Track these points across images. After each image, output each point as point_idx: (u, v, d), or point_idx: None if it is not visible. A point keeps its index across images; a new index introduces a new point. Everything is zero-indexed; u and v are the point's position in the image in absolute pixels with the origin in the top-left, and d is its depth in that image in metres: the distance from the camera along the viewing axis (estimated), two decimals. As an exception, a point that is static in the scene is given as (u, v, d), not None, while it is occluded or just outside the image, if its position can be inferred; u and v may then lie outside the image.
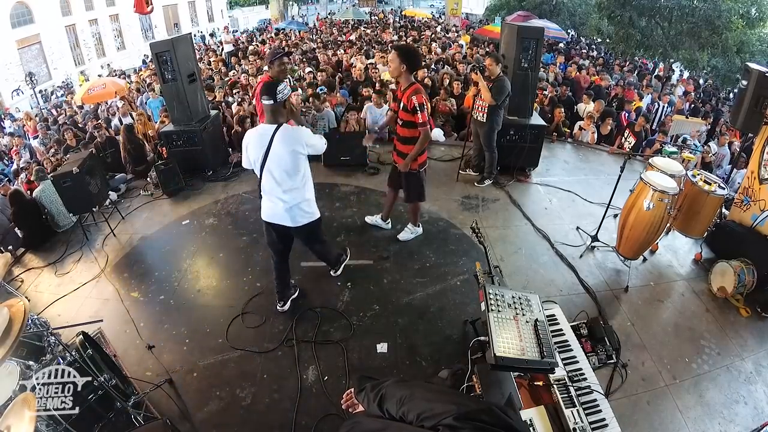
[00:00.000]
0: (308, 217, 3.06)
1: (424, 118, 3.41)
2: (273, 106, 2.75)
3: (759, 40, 11.86)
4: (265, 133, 2.79)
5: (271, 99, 2.72)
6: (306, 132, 2.88)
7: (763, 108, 3.72)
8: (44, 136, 8.37)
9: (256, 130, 2.88)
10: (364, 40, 14.06)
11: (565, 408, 2.06)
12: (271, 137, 2.76)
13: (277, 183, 2.87)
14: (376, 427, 1.17)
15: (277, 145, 2.76)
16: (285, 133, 2.77)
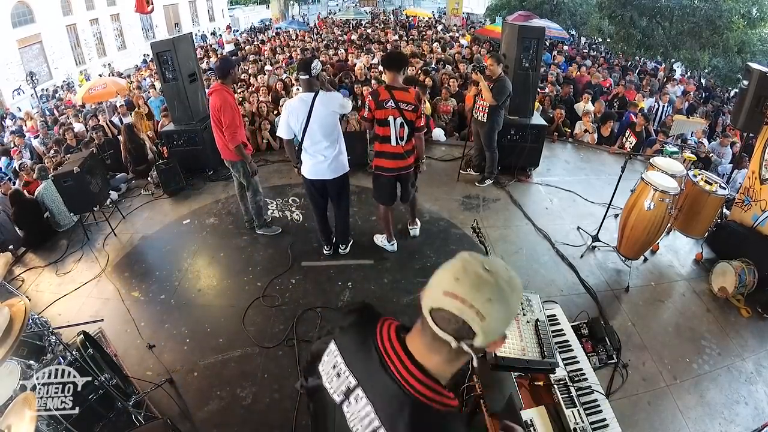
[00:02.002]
0: (343, 168, 3.60)
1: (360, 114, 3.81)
2: (309, 79, 3.27)
3: (760, 40, 11.84)
4: (306, 99, 3.29)
5: (306, 74, 3.24)
6: (338, 95, 3.44)
7: (764, 108, 3.72)
8: (44, 136, 8.38)
9: (297, 99, 3.38)
10: (364, 39, 14.06)
11: (566, 408, 2.06)
12: (312, 102, 3.26)
13: (319, 140, 3.37)
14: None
15: (318, 108, 3.28)
16: (323, 98, 3.30)
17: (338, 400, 1.14)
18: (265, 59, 11.71)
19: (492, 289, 0.93)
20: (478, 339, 0.93)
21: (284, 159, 6.09)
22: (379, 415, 1.05)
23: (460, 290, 0.92)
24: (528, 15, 12.65)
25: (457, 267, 0.97)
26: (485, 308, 0.91)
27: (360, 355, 1.13)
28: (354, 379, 1.11)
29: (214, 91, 3.80)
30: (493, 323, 0.92)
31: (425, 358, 1.03)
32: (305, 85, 3.32)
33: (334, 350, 1.17)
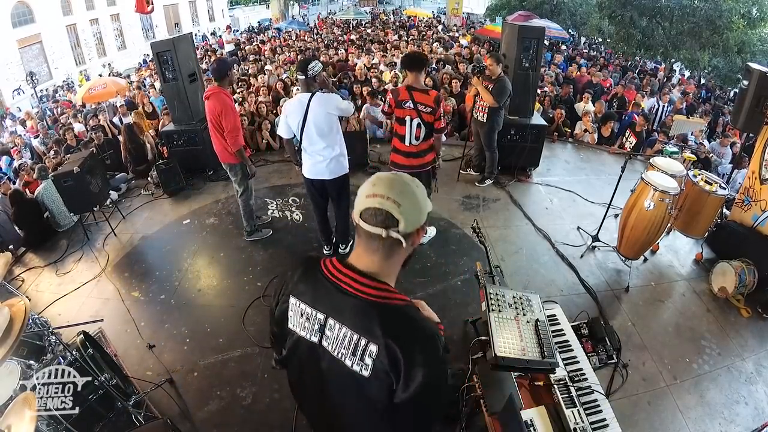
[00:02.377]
0: (342, 170, 3.58)
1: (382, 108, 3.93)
2: (306, 80, 3.28)
3: (760, 40, 11.85)
4: (303, 100, 3.30)
5: (303, 74, 3.26)
6: (336, 97, 3.42)
7: (764, 108, 3.72)
8: (44, 136, 8.38)
9: (295, 99, 3.41)
10: (365, 39, 14.06)
11: (566, 408, 2.05)
12: (308, 103, 3.26)
13: (316, 141, 3.37)
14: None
15: (314, 109, 3.28)
16: (320, 99, 3.29)
17: (316, 339, 1.27)
18: (265, 59, 11.71)
19: (401, 184, 1.19)
20: (401, 224, 1.15)
21: (284, 159, 6.10)
22: (354, 330, 1.19)
23: (377, 190, 1.17)
24: (528, 15, 12.66)
25: (373, 178, 1.21)
26: (399, 197, 1.16)
27: (317, 293, 1.27)
28: (321, 314, 1.25)
29: (211, 95, 3.75)
30: (409, 209, 1.16)
31: (368, 264, 1.22)
32: (303, 85, 3.35)
33: (295, 302, 1.30)
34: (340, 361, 1.22)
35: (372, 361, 1.17)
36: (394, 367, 1.15)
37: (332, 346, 1.24)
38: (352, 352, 1.20)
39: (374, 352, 1.16)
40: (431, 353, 1.18)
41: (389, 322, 1.17)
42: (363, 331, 1.18)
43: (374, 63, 9.47)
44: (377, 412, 1.25)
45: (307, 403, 1.49)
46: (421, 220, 1.20)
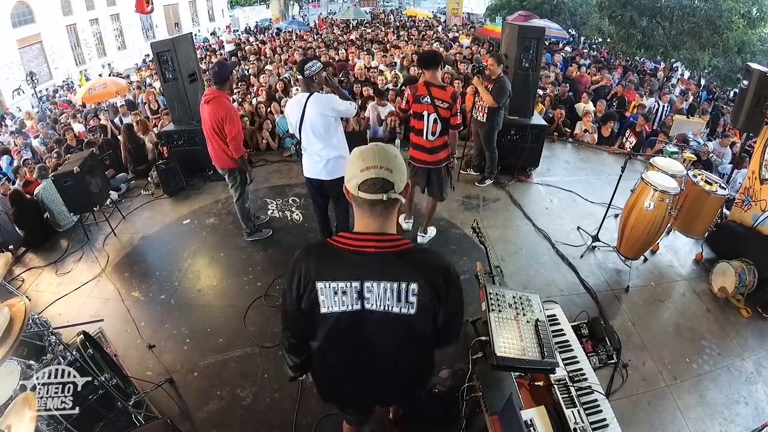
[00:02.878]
0: (341, 171, 3.49)
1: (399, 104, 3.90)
2: (304, 80, 3.29)
3: (760, 40, 11.85)
4: (301, 99, 3.31)
5: (301, 74, 3.28)
6: (334, 98, 3.37)
7: (764, 108, 3.72)
8: (45, 136, 8.37)
9: (294, 99, 3.43)
10: (365, 38, 14.05)
11: (566, 408, 2.05)
12: (305, 103, 3.26)
13: (313, 141, 3.36)
14: None
15: (310, 110, 3.27)
16: (315, 100, 3.28)
17: (358, 306, 1.41)
18: (265, 59, 11.70)
19: (384, 152, 1.36)
20: (396, 185, 1.35)
21: (284, 159, 6.10)
22: (392, 280, 1.37)
23: (371, 162, 1.33)
24: (528, 15, 12.67)
25: (358, 153, 1.37)
26: (390, 164, 1.34)
27: (339, 266, 1.40)
28: (355, 282, 1.38)
29: (212, 99, 3.68)
30: (397, 171, 1.35)
31: (376, 226, 1.40)
32: (302, 85, 3.37)
33: (324, 285, 1.40)
34: (389, 311, 1.40)
35: (415, 297, 1.38)
36: (435, 294, 1.40)
37: (377, 304, 1.39)
38: (397, 299, 1.38)
39: (416, 289, 1.37)
40: (453, 274, 1.47)
41: (417, 260, 1.42)
42: (401, 277, 1.37)
43: (374, 65, 9.44)
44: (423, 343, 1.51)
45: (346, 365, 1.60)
46: (406, 177, 1.40)
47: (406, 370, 1.60)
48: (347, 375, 1.63)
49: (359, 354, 1.52)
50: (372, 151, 1.36)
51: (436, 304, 1.41)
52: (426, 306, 1.39)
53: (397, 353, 1.53)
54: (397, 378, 1.62)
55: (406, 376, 1.62)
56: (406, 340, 1.48)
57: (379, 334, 1.46)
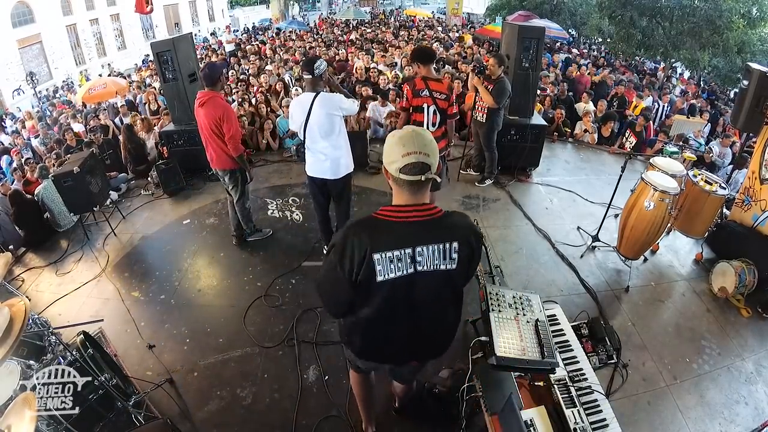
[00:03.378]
0: (345, 169, 3.57)
1: (400, 104, 3.86)
2: (312, 79, 3.30)
3: (760, 39, 11.85)
4: (306, 99, 3.32)
5: (309, 74, 3.28)
6: (339, 97, 3.40)
7: (764, 108, 3.72)
8: (44, 136, 8.37)
9: (299, 98, 3.42)
10: (365, 38, 14.05)
11: (566, 408, 2.05)
12: (311, 103, 3.28)
13: (318, 140, 3.37)
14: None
15: (316, 109, 3.29)
16: (322, 99, 3.30)
17: (412, 270, 1.60)
18: (266, 59, 11.69)
19: (421, 138, 1.54)
20: (432, 167, 1.54)
21: (284, 159, 6.10)
22: (437, 242, 1.59)
23: (411, 148, 1.51)
24: (528, 15, 12.68)
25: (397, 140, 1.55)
26: (426, 149, 1.53)
27: (390, 236, 1.58)
28: (408, 248, 1.58)
29: (208, 100, 3.63)
30: (433, 155, 1.55)
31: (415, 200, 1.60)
32: (308, 84, 3.37)
33: (380, 256, 1.56)
34: (437, 269, 1.61)
35: (456, 254, 1.61)
36: (470, 249, 1.64)
37: (428, 265, 1.61)
38: (443, 257, 1.60)
39: (456, 247, 1.60)
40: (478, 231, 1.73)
41: (452, 223, 1.64)
42: (444, 238, 1.59)
43: (373, 65, 9.44)
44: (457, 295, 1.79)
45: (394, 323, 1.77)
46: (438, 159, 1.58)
47: (443, 322, 1.84)
48: (392, 334, 1.81)
49: (406, 313, 1.72)
50: (411, 138, 1.53)
51: (470, 256, 1.66)
52: (464, 259, 1.63)
53: (438, 306, 1.77)
54: (435, 330, 1.84)
55: (443, 327, 1.87)
56: (447, 293, 1.74)
57: (426, 292, 1.67)
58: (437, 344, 1.93)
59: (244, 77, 9.15)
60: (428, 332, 1.83)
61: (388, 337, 1.82)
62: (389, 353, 1.92)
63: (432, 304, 1.74)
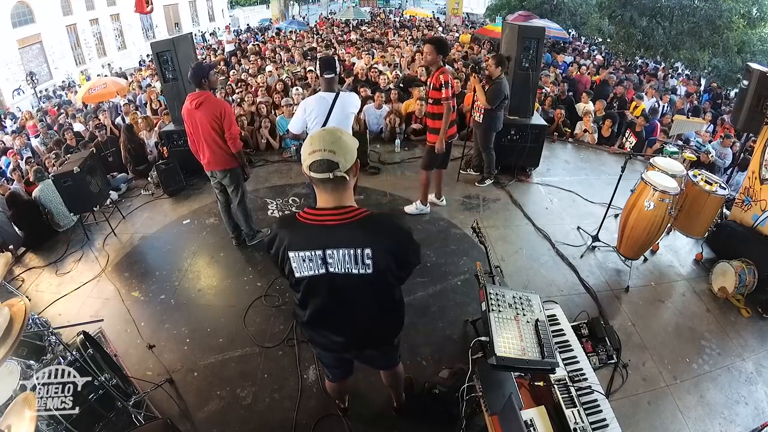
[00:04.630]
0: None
1: (447, 93, 3.84)
2: (335, 78, 3.35)
3: (760, 39, 11.85)
4: (328, 98, 3.34)
5: (332, 73, 3.34)
6: (355, 96, 3.56)
7: (764, 108, 3.71)
8: (45, 136, 8.37)
9: (317, 97, 3.41)
10: (365, 38, 14.05)
11: (566, 408, 2.05)
12: (333, 102, 3.32)
13: None
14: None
15: (338, 108, 3.33)
16: (343, 99, 3.37)
17: (323, 270, 1.65)
18: (266, 59, 11.69)
19: (329, 136, 1.57)
20: (341, 165, 1.54)
21: (284, 159, 6.10)
22: (348, 247, 1.60)
23: (316, 146, 1.54)
24: (528, 15, 12.68)
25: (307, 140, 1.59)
26: (333, 146, 1.53)
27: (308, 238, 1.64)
28: (318, 251, 1.62)
29: (204, 100, 3.52)
30: (341, 152, 1.54)
31: (332, 200, 1.62)
32: (328, 84, 3.37)
33: (294, 254, 1.64)
34: (350, 273, 1.64)
35: (371, 260, 1.61)
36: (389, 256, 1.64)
37: (339, 267, 1.64)
38: (355, 262, 1.62)
39: (369, 254, 1.60)
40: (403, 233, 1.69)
41: (371, 227, 1.63)
42: (355, 244, 1.60)
43: (374, 65, 9.44)
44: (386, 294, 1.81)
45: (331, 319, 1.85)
46: (354, 157, 1.59)
47: (375, 316, 1.86)
48: (324, 322, 1.88)
49: (333, 306, 1.79)
50: (319, 136, 1.57)
51: (391, 262, 1.65)
52: (381, 264, 1.63)
53: (365, 304, 1.79)
54: (369, 323, 1.88)
55: (377, 321, 1.89)
56: (371, 294, 1.76)
57: (347, 291, 1.72)
58: (374, 337, 1.99)
59: (244, 76, 9.15)
60: (360, 326, 1.88)
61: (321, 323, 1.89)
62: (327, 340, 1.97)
63: (356, 302, 1.78)
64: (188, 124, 3.68)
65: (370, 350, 2.05)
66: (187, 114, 3.64)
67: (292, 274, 1.71)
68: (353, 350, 2.04)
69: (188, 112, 3.61)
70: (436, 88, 3.88)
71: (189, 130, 3.72)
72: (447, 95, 3.86)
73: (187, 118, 3.65)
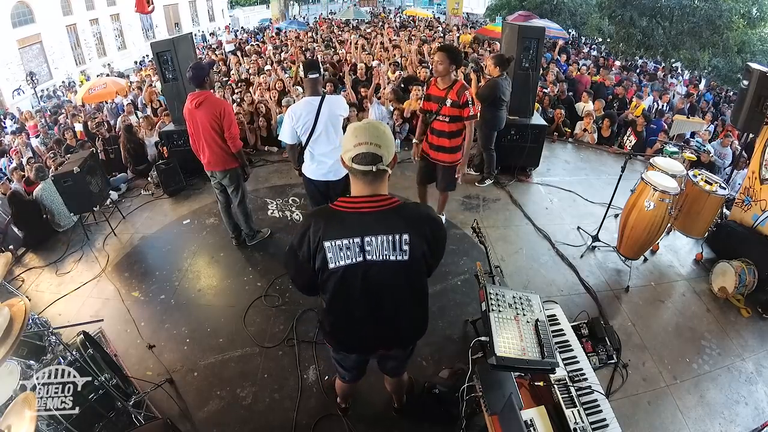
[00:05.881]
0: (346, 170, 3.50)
1: (475, 110, 3.60)
2: (318, 78, 3.28)
3: (760, 39, 11.86)
4: (313, 102, 3.25)
5: (317, 73, 3.25)
6: (342, 98, 3.48)
7: (764, 108, 3.71)
8: (45, 136, 8.38)
9: (303, 102, 3.30)
10: (364, 38, 14.03)
11: (566, 408, 2.05)
12: (319, 105, 3.22)
13: (324, 143, 3.30)
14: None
15: (325, 111, 3.24)
16: (330, 101, 3.27)
17: (361, 259, 1.65)
18: (266, 58, 11.68)
19: (374, 129, 1.59)
20: (384, 158, 1.59)
21: (284, 159, 6.10)
22: (387, 233, 1.62)
23: (362, 139, 1.56)
24: (528, 15, 12.67)
25: (352, 131, 1.60)
26: (378, 140, 1.57)
27: (346, 226, 1.63)
28: (357, 238, 1.62)
29: (204, 100, 3.52)
30: (385, 146, 1.58)
31: (370, 190, 1.64)
32: (312, 86, 3.28)
33: (330, 244, 1.63)
34: (387, 260, 1.65)
35: (408, 246, 1.64)
36: (424, 242, 1.66)
37: (377, 254, 1.64)
38: (392, 248, 1.64)
39: (407, 239, 1.63)
40: (437, 222, 1.75)
41: (406, 214, 1.66)
42: (393, 230, 1.62)
43: (374, 64, 9.44)
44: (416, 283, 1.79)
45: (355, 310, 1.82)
46: (393, 151, 1.63)
47: (405, 313, 1.86)
48: (355, 320, 1.85)
49: (365, 300, 1.76)
50: (364, 129, 1.58)
51: (425, 249, 1.68)
52: (417, 251, 1.65)
53: (397, 295, 1.79)
54: (399, 317, 1.87)
55: (407, 317, 1.89)
56: (404, 283, 1.76)
57: (381, 281, 1.71)
58: (403, 334, 1.98)
59: (244, 76, 9.14)
60: (391, 321, 1.86)
61: (351, 322, 1.87)
62: (356, 340, 1.96)
63: (389, 293, 1.77)
64: (189, 124, 3.71)
65: (397, 350, 2.05)
66: (188, 114, 3.66)
67: (324, 267, 1.67)
68: (381, 349, 2.03)
69: (189, 112, 3.64)
70: (458, 105, 3.52)
71: (190, 130, 3.74)
72: (475, 113, 3.60)
73: (189, 118, 3.67)
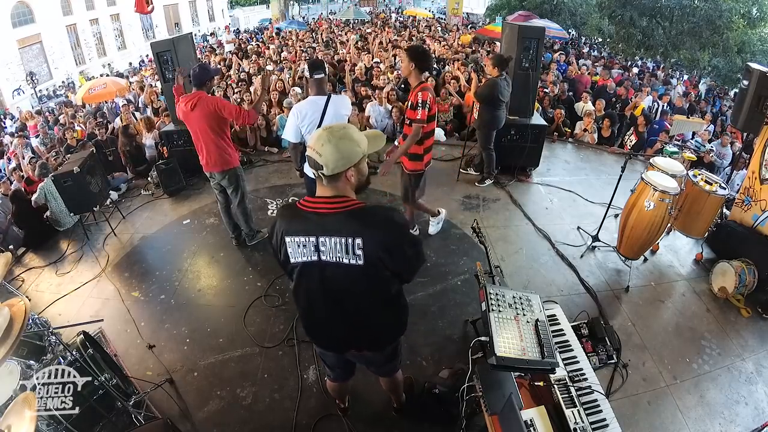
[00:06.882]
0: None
1: (422, 115, 3.32)
2: (323, 78, 3.29)
3: (760, 39, 11.86)
4: (319, 102, 3.26)
5: (322, 73, 3.25)
6: (347, 98, 3.51)
7: (764, 108, 3.71)
8: (44, 136, 8.38)
9: (309, 101, 3.31)
10: (364, 38, 14.03)
11: (566, 408, 2.05)
12: (325, 104, 3.24)
13: None
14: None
15: (331, 111, 3.25)
16: (336, 101, 3.30)
17: (315, 258, 1.67)
18: (266, 58, 11.69)
19: (324, 138, 1.57)
20: (324, 167, 1.58)
21: (284, 159, 6.10)
22: (340, 236, 1.61)
23: (311, 143, 1.60)
24: (528, 15, 12.65)
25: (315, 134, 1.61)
26: (320, 149, 1.56)
27: (304, 224, 1.67)
28: (312, 237, 1.65)
29: (198, 101, 3.48)
30: (327, 157, 1.56)
31: (328, 191, 1.65)
32: (318, 86, 3.29)
33: (290, 239, 1.69)
34: (340, 262, 1.64)
35: (362, 251, 1.61)
36: (380, 247, 1.62)
37: (330, 256, 1.65)
38: (345, 252, 1.62)
39: (360, 243, 1.60)
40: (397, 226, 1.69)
41: (362, 218, 1.63)
42: (347, 233, 1.61)
43: (375, 62, 9.44)
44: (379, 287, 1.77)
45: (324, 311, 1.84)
46: (346, 163, 1.59)
47: (370, 312, 1.85)
48: (319, 319, 1.89)
49: (324, 300, 1.79)
50: (318, 134, 1.60)
51: (381, 254, 1.63)
52: (372, 256, 1.62)
53: (359, 299, 1.79)
54: (363, 319, 1.86)
55: (372, 317, 1.87)
56: (366, 288, 1.75)
57: (339, 283, 1.72)
58: (371, 337, 1.97)
59: (244, 76, 9.14)
60: (356, 324, 1.87)
61: (317, 319, 1.90)
62: (325, 338, 2.01)
63: (349, 296, 1.78)
64: (188, 126, 3.72)
65: (367, 352, 2.02)
66: (183, 117, 3.64)
67: (287, 260, 1.73)
68: (351, 349, 2.02)
69: (184, 115, 3.61)
70: (413, 106, 3.36)
71: (191, 131, 3.75)
72: (422, 117, 3.32)
73: (186, 119, 3.66)
